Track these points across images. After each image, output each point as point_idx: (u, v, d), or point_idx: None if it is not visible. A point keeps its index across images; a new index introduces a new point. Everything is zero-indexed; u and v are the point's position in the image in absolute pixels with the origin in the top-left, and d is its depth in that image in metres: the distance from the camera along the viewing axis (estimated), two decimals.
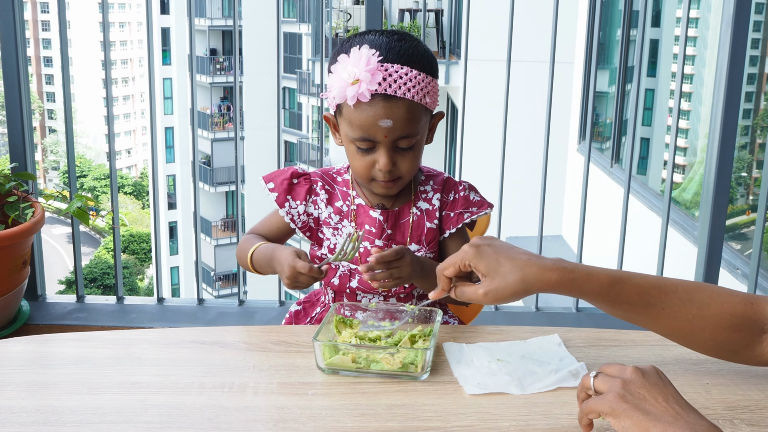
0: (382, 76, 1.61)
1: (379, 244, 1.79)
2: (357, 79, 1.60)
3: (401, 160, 1.70)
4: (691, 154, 5.83)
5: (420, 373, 1.40)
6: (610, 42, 7.44)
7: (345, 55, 1.64)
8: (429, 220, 1.82)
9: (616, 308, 1.36)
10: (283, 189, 1.82)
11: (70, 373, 1.40)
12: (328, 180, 1.85)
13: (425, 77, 1.66)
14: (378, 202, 1.81)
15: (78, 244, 3.34)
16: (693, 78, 5.78)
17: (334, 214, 1.82)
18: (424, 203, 1.83)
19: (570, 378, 1.40)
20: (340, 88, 1.62)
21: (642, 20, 3.41)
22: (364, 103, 1.62)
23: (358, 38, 1.69)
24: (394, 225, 1.80)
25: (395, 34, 1.69)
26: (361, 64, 1.60)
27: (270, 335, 1.57)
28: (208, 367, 1.44)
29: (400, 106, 1.63)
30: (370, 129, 1.64)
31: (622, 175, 4.70)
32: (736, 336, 1.34)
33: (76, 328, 3.09)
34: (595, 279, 1.34)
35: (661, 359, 1.50)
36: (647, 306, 1.35)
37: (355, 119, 1.65)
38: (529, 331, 1.62)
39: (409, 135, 1.67)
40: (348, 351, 1.41)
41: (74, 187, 3.22)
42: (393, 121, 1.63)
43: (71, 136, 3.27)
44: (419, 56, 1.67)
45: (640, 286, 1.35)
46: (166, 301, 3.33)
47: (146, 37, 3.22)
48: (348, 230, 1.77)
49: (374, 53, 1.61)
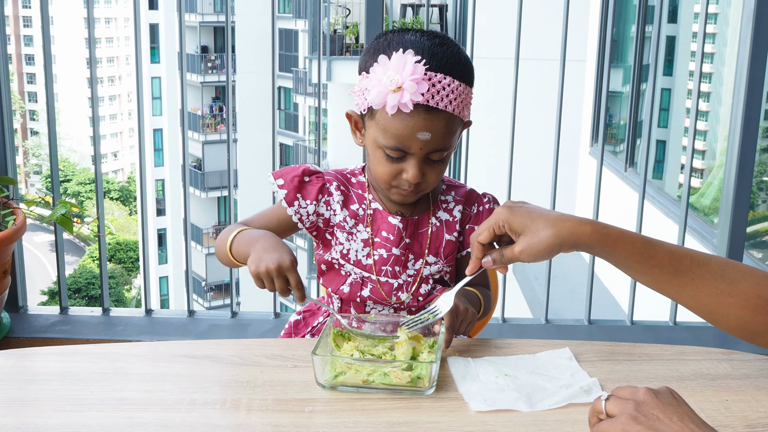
0: (427, 87, 1.59)
1: (396, 253, 1.79)
2: (400, 87, 1.58)
3: (430, 171, 1.69)
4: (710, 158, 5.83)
5: (426, 388, 1.40)
6: (624, 39, 7.45)
7: (385, 57, 1.61)
8: (449, 232, 1.82)
9: (646, 272, 1.42)
10: (294, 186, 1.80)
11: (54, 389, 1.41)
12: (342, 181, 1.84)
13: (465, 88, 1.65)
14: (397, 210, 1.81)
15: (61, 253, 3.34)
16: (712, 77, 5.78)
17: (350, 217, 1.81)
18: (445, 214, 1.83)
19: (582, 394, 1.40)
20: (380, 94, 1.59)
21: (658, 16, 3.42)
22: (403, 112, 1.60)
23: (397, 38, 1.66)
24: (413, 234, 1.80)
25: (436, 37, 1.66)
26: (405, 71, 1.58)
27: (265, 349, 1.57)
28: (199, 383, 1.44)
29: (441, 119, 1.62)
30: (407, 141, 1.63)
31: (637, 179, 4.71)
32: (759, 318, 1.38)
33: (60, 341, 3.09)
34: (628, 238, 1.42)
35: (678, 374, 1.50)
36: (677, 273, 1.41)
37: (391, 128, 1.63)
38: (538, 345, 1.62)
39: (444, 148, 1.66)
40: (351, 365, 1.42)
41: (57, 192, 3.23)
42: (432, 135, 1.62)
43: (54, 139, 3.28)
44: (461, 65, 1.66)
45: (673, 253, 1.41)
46: (154, 312, 3.33)
47: (133, 33, 3.23)
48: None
49: (419, 60, 1.59)
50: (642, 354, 1.59)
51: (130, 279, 31.84)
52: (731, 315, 1.39)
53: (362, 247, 1.80)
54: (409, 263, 1.80)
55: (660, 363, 1.55)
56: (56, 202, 3.04)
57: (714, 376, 1.49)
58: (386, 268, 1.79)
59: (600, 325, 3.37)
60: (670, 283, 1.42)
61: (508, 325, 3.37)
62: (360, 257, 1.80)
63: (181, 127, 3.35)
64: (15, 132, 3.26)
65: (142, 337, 3.16)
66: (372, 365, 1.43)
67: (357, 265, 1.80)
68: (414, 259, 1.80)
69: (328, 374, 1.42)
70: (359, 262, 1.80)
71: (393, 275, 1.80)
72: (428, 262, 1.80)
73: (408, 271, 1.80)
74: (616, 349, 1.61)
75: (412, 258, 1.80)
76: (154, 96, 28.68)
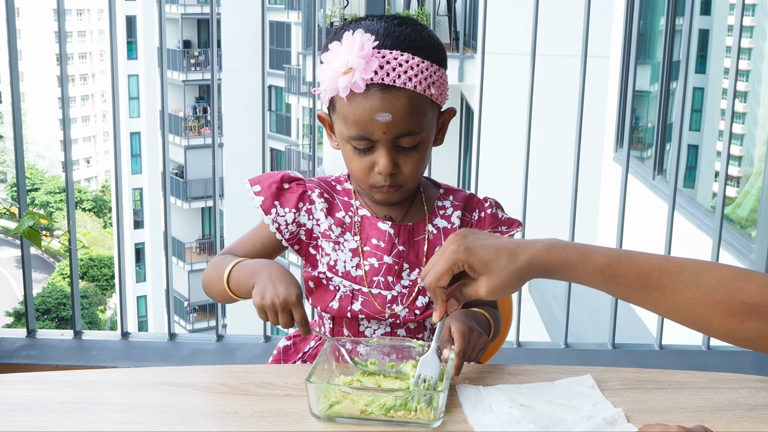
0: (379, 64, 1.62)
1: (388, 261, 1.79)
2: (350, 68, 1.61)
3: (404, 161, 1.70)
4: (747, 164, 5.83)
5: (432, 421, 1.40)
6: (652, 33, 7.46)
7: (337, 43, 1.65)
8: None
9: (615, 291, 1.44)
10: (271, 193, 1.82)
11: (20, 420, 1.41)
12: (326, 188, 1.86)
13: (430, 65, 1.67)
14: (385, 214, 1.82)
15: (28, 270, 3.35)
16: (749, 75, 5.79)
17: (336, 226, 1.81)
18: (442, 221, 1.84)
19: (605, 425, 1.40)
20: (331, 79, 1.64)
21: (690, 7, 3.43)
22: (358, 95, 1.63)
23: (353, 24, 1.70)
24: (408, 242, 1.81)
25: (395, 19, 1.70)
26: (354, 50, 1.61)
27: (254, 376, 1.58)
28: (181, 414, 1.44)
29: (400, 98, 1.64)
30: (367, 125, 1.65)
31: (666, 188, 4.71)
32: (748, 325, 1.39)
33: (27, 367, 3.09)
34: (588, 259, 1.43)
35: (712, 404, 1.50)
36: (646, 288, 1.42)
37: (350, 114, 1.66)
38: (556, 372, 1.62)
39: (411, 131, 1.67)
40: (347, 395, 1.42)
41: (24, 202, 3.23)
42: (392, 115, 1.64)
43: (20, 143, 3.28)
44: (422, 42, 1.68)
45: (639, 267, 1.42)
46: (131, 336, 3.33)
47: (108, 26, 3.24)
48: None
49: (370, 38, 1.63)
50: (672, 382, 1.59)
51: (105, 299, 31.84)
52: (715, 324, 1.41)
53: (351, 258, 1.80)
54: (403, 273, 1.80)
55: (692, 392, 1.55)
56: (23, 213, 3.04)
57: (752, 407, 1.49)
58: (378, 279, 1.79)
59: (625, 349, 3.37)
60: (642, 299, 1.44)
61: (523, 350, 3.37)
62: (349, 268, 1.80)
63: (161, 130, 3.35)
64: None
65: (118, 363, 3.16)
66: (371, 395, 1.43)
67: (346, 277, 1.80)
68: (409, 269, 1.80)
69: (323, 404, 1.42)
70: (348, 274, 1.80)
71: (386, 286, 1.80)
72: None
73: (403, 282, 1.80)
74: (643, 376, 1.61)
75: (407, 267, 1.80)
76: (131, 96, 28.76)
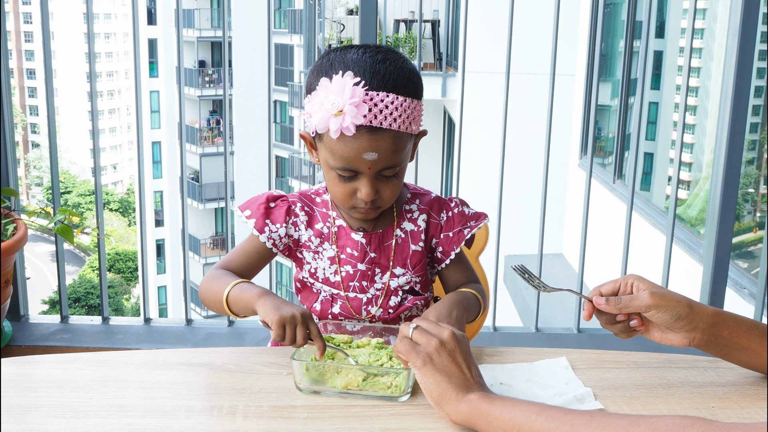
0: (368, 108, 1.55)
1: (362, 268, 1.78)
2: (341, 111, 1.54)
3: (384, 187, 1.66)
4: (697, 170, 5.85)
5: (401, 394, 1.40)
6: (612, 54, 7.47)
7: (327, 80, 1.57)
8: (414, 242, 1.80)
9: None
10: (261, 214, 1.79)
11: (54, 396, 1.40)
12: (306, 201, 1.82)
13: (411, 101, 1.61)
14: (359, 226, 1.79)
15: (62, 263, 3.34)
16: (698, 91, 5.80)
17: (315, 236, 1.79)
18: (409, 224, 1.81)
19: (574, 402, 1.40)
20: (322, 119, 1.56)
21: (646, 31, 3.42)
22: (347, 135, 1.57)
23: (339, 58, 1.63)
24: (378, 247, 1.79)
25: (379, 53, 1.62)
26: (345, 94, 1.54)
27: (261, 357, 1.57)
28: (197, 390, 1.44)
29: (386, 138, 1.58)
30: (354, 162, 1.60)
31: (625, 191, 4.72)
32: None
33: (60, 349, 3.08)
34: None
35: (665, 381, 1.50)
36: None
37: (338, 150, 1.59)
38: (528, 353, 1.62)
39: (394, 165, 1.63)
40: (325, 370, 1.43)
41: (58, 203, 3.22)
42: (378, 153, 1.59)
43: (55, 151, 3.28)
44: (404, 79, 1.61)
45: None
46: (153, 321, 3.33)
47: (132, 48, 3.23)
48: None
49: (358, 82, 1.55)
50: (630, 362, 1.59)
51: (129, 288, 31.79)
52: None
53: (329, 265, 1.79)
54: (376, 277, 1.79)
55: (648, 370, 1.55)
56: (56, 212, 3.04)
57: (701, 384, 1.49)
58: (354, 284, 1.78)
59: (589, 333, 3.37)
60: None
61: (499, 334, 3.37)
62: (328, 275, 1.79)
63: (179, 139, 3.34)
64: (17, 145, 3.26)
65: (141, 345, 3.15)
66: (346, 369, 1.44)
67: (326, 282, 1.79)
68: (381, 273, 1.79)
69: (306, 379, 1.43)
70: (327, 280, 1.79)
71: (361, 290, 1.79)
72: (395, 274, 1.79)
73: (375, 285, 1.79)
74: (605, 357, 1.61)
75: (379, 272, 1.79)
76: (153, 109, 28.69)
